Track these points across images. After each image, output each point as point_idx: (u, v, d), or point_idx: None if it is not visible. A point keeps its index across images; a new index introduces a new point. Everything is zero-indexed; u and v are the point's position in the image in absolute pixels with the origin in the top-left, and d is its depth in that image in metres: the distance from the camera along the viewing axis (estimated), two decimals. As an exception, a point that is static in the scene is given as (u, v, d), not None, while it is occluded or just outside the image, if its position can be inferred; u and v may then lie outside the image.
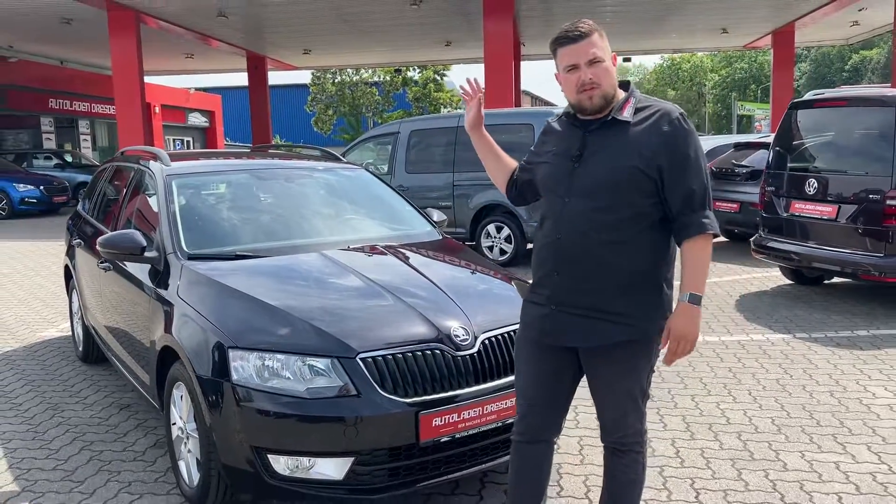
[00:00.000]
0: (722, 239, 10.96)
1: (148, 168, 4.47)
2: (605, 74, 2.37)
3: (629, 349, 2.43)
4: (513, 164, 2.79)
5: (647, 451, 2.61)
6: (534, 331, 2.54)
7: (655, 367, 2.56)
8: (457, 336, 3.08)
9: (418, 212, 4.64)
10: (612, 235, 2.36)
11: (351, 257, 3.78)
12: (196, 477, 3.22)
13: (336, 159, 5.13)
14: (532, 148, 2.70)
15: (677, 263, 2.47)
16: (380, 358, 2.95)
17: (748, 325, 6.19)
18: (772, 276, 8.10)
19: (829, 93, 7.17)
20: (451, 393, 2.99)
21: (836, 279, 7.51)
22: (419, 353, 3.00)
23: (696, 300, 2.36)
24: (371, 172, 5.06)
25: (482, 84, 2.74)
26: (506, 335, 3.18)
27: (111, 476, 3.64)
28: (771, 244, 7.14)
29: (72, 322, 5.83)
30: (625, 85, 2.49)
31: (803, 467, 3.58)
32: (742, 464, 3.63)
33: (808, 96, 7.17)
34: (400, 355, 2.98)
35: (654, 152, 2.33)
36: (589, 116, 2.44)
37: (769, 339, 5.73)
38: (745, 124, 42.52)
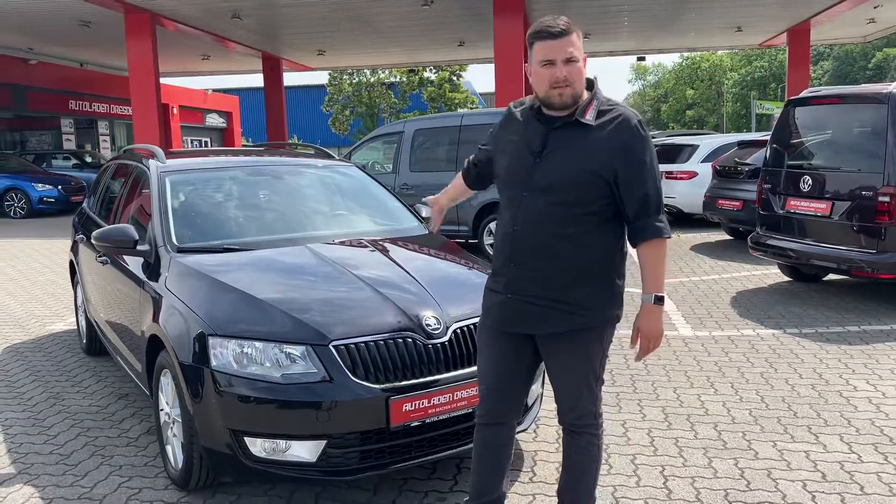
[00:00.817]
0: (725, 237, 10.98)
1: (145, 165, 4.63)
2: (578, 74, 2.44)
3: (581, 337, 2.56)
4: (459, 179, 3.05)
5: (602, 433, 2.72)
6: (492, 317, 2.67)
7: (607, 355, 2.68)
8: (428, 325, 3.20)
9: (407, 208, 4.76)
10: (566, 230, 2.47)
11: (335, 251, 3.91)
12: (181, 460, 3.36)
13: (328, 157, 5.26)
14: (492, 131, 2.78)
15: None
16: (352, 345, 3.08)
17: (740, 320, 6.25)
18: (771, 274, 8.13)
19: (824, 90, 7.19)
20: (421, 379, 3.10)
21: (834, 276, 7.53)
22: (391, 341, 3.12)
23: (659, 301, 2.52)
24: (362, 168, 5.19)
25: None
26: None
27: (104, 460, 3.80)
28: (768, 241, 7.18)
29: (77, 315, 6.01)
30: (590, 83, 2.54)
31: (773, 456, 3.65)
32: (714, 452, 3.71)
33: (804, 94, 7.21)
34: (372, 343, 3.10)
35: (611, 157, 2.42)
36: (554, 112, 2.50)
37: (759, 335, 5.79)
38: (765, 123, 42.16)
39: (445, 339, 3.20)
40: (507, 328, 2.63)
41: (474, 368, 3.17)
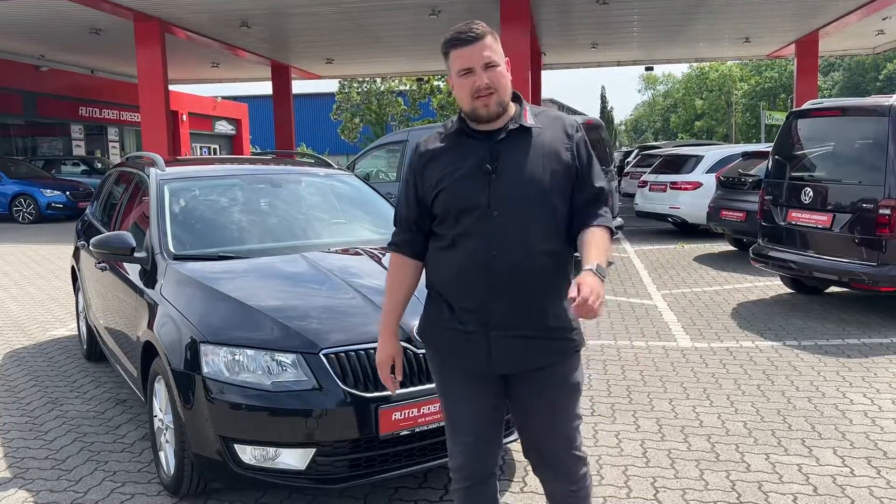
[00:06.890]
0: (729, 247, 10.95)
1: (145, 173, 4.67)
2: (500, 79, 2.20)
3: (572, 362, 2.32)
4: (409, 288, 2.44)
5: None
6: (466, 361, 2.29)
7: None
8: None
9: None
10: (549, 244, 2.23)
11: (329, 259, 3.93)
12: (173, 466, 3.38)
13: (327, 166, 5.30)
14: (406, 183, 2.37)
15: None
16: (342, 354, 3.09)
17: (740, 332, 6.23)
18: (773, 286, 8.11)
19: (826, 102, 7.19)
20: (411, 389, 3.11)
21: (836, 288, 7.51)
22: (381, 350, 3.12)
23: (603, 271, 2.10)
24: (364, 179, 5.22)
25: None
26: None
27: (98, 465, 3.82)
28: (770, 253, 7.17)
29: (77, 321, 6.06)
30: (515, 96, 2.31)
31: (765, 468, 3.64)
32: (706, 465, 3.71)
33: (805, 105, 7.20)
34: (362, 352, 3.11)
35: (570, 154, 2.26)
36: (484, 126, 2.25)
37: (758, 346, 5.78)
38: (774, 133, 42.03)
39: (436, 348, 3.20)
40: (498, 371, 2.26)
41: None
